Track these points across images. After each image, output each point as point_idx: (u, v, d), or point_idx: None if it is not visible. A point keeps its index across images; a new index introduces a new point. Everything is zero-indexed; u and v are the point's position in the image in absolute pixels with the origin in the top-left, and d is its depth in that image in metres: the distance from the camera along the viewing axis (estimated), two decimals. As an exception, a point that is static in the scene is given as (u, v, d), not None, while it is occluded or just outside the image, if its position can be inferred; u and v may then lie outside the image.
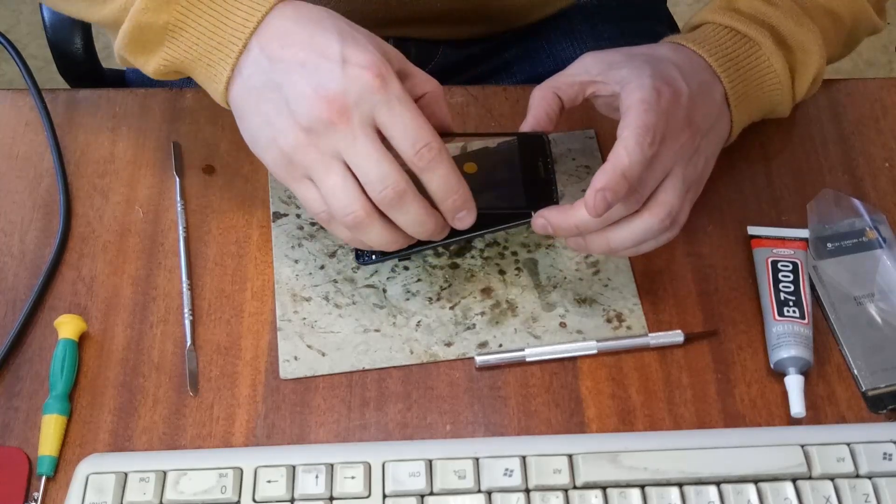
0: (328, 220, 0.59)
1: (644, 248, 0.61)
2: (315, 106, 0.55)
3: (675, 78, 0.61)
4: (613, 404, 0.61)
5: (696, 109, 0.61)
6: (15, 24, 1.87)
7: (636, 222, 0.59)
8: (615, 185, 0.56)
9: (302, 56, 0.56)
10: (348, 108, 0.55)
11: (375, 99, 0.55)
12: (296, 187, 0.59)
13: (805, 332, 0.62)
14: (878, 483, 0.57)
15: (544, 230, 0.60)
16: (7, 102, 0.74)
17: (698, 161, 0.62)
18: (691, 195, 0.62)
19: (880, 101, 0.76)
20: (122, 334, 0.64)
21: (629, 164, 0.56)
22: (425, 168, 0.56)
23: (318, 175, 0.57)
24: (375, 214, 0.57)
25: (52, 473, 0.58)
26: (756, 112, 0.68)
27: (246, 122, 0.59)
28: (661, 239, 0.61)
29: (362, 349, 0.63)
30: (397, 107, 0.55)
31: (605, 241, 0.60)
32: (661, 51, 0.64)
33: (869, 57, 1.92)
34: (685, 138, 0.60)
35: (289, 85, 0.56)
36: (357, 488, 0.56)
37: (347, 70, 0.55)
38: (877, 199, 0.70)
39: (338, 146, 0.56)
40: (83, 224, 0.68)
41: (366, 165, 0.56)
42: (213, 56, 0.59)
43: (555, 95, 0.63)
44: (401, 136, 0.56)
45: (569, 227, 0.59)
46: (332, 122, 0.55)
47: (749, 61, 0.66)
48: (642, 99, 0.58)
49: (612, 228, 0.59)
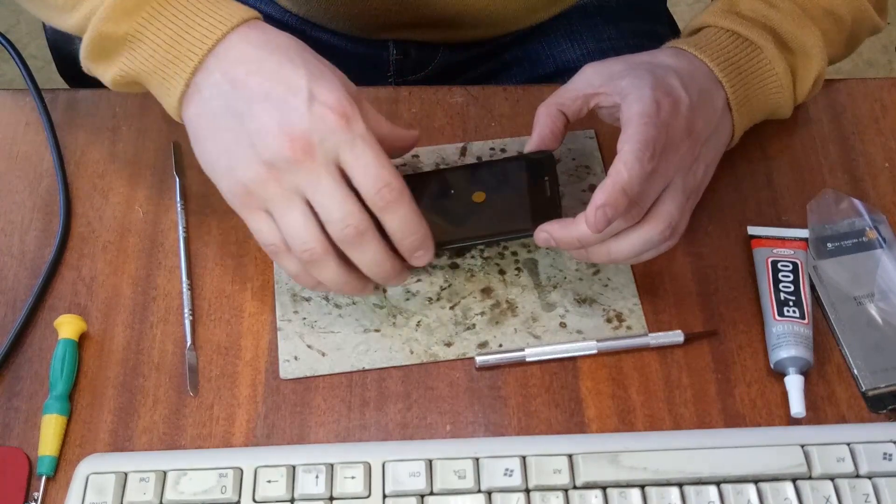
0: (277, 253, 0.59)
1: (645, 257, 0.61)
2: (279, 142, 0.55)
3: (675, 87, 0.60)
4: (613, 404, 0.61)
5: (696, 118, 0.61)
6: (15, 24, 1.87)
7: (636, 234, 0.59)
8: (615, 202, 0.56)
9: (267, 87, 0.56)
10: (313, 146, 0.55)
11: (340, 138, 0.55)
12: (249, 217, 0.59)
13: (805, 332, 0.62)
14: (878, 483, 0.57)
15: (546, 243, 0.61)
16: (7, 102, 0.74)
17: (698, 169, 0.62)
18: (690, 203, 0.62)
19: (880, 101, 0.76)
20: (122, 334, 0.64)
21: (628, 179, 0.56)
22: (385, 208, 0.57)
23: (277, 209, 0.57)
24: (332, 252, 0.57)
25: (52, 473, 0.58)
26: (758, 115, 0.68)
27: (202, 145, 0.59)
28: (661, 248, 0.61)
29: (362, 349, 0.63)
30: (360, 146, 0.56)
31: (605, 252, 0.60)
32: (662, 57, 0.64)
33: (869, 57, 1.92)
34: (685, 148, 0.60)
35: (251, 117, 0.56)
36: (357, 488, 0.56)
37: (314, 108, 0.55)
38: (877, 199, 0.70)
39: (300, 183, 0.56)
40: (83, 224, 0.68)
41: (328, 204, 0.56)
42: (168, 70, 0.59)
43: (559, 112, 0.63)
44: (362, 176, 0.56)
45: (571, 241, 0.60)
46: (297, 160, 0.55)
47: (751, 65, 0.66)
48: (641, 112, 0.58)
49: (613, 240, 0.60)
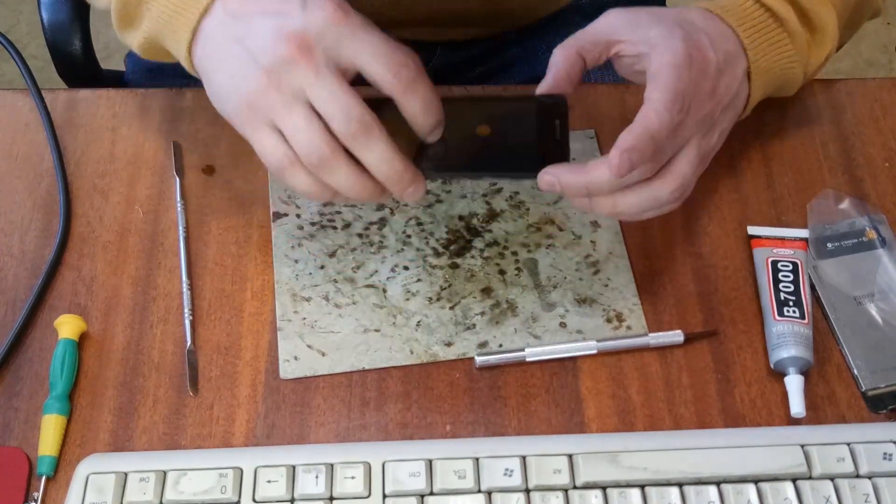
0: (288, 167, 0.56)
1: (646, 216, 0.59)
2: (276, 45, 0.54)
3: (704, 45, 0.59)
4: (613, 404, 0.61)
5: (720, 80, 0.59)
6: (15, 24, 1.87)
7: (648, 189, 0.57)
8: (643, 147, 0.54)
9: (263, 6, 0.56)
10: (310, 43, 0.54)
11: (338, 31, 0.54)
12: (254, 135, 0.57)
13: (805, 332, 0.62)
14: (878, 483, 0.57)
15: (551, 187, 0.57)
16: (7, 102, 0.74)
17: (713, 134, 0.61)
18: (700, 168, 0.61)
19: (880, 101, 0.76)
20: (122, 334, 0.64)
21: (658, 126, 0.54)
22: (405, 90, 0.55)
23: (280, 116, 0.55)
24: (341, 152, 0.55)
25: (52, 473, 0.58)
26: (770, 88, 0.67)
27: (211, 82, 0.59)
28: (665, 209, 0.59)
29: (362, 349, 0.63)
30: (362, 35, 0.54)
31: (611, 204, 0.58)
32: (690, 15, 0.62)
33: (869, 57, 1.92)
34: (707, 110, 0.58)
35: (250, 35, 0.56)
36: (357, 488, 0.56)
37: (308, 9, 0.54)
38: (877, 199, 0.70)
39: (301, 84, 0.54)
40: (83, 224, 0.68)
41: (330, 101, 0.54)
42: (177, 22, 0.59)
43: (578, 55, 0.61)
44: (373, 61, 0.54)
45: (579, 187, 0.57)
46: (294, 59, 0.54)
47: (772, 36, 0.64)
48: (674, 63, 0.56)
49: (621, 193, 0.57)
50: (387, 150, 0.55)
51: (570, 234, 0.68)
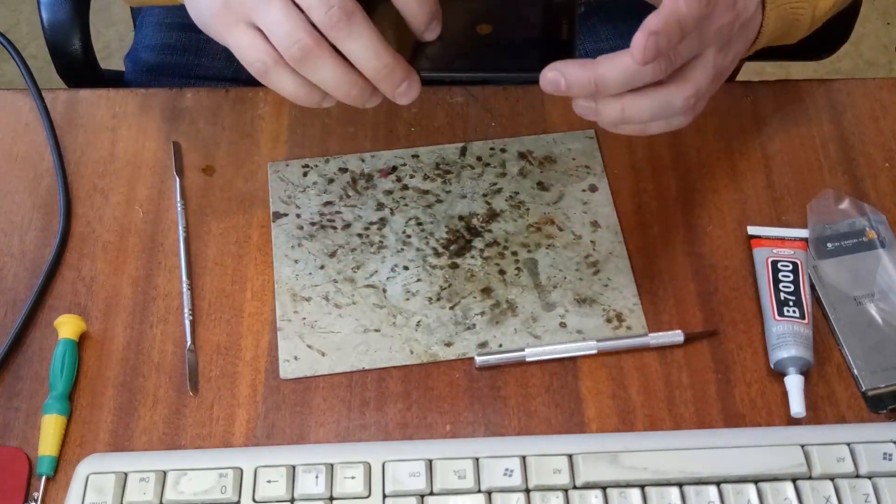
0: (272, 67, 0.54)
1: (653, 128, 0.56)
2: None
3: None
4: (613, 404, 0.61)
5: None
6: (15, 24, 1.87)
7: (660, 92, 0.54)
8: (670, 31, 0.51)
9: None
10: None
11: None
12: (231, 36, 0.55)
13: (805, 332, 0.62)
14: (878, 483, 0.57)
15: (555, 85, 0.53)
16: (7, 102, 0.74)
17: (729, 52, 0.58)
18: (714, 86, 0.58)
19: (880, 101, 0.76)
20: (122, 334, 0.64)
21: (686, 13, 0.51)
22: None
23: (257, 12, 0.53)
24: (324, 44, 0.53)
25: (52, 473, 0.58)
26: (779, 26, 0.65)
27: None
28: (674, 122, 0.56)
29: (362, 349, 0.63)
30: None
31: (618, 108, 0.54)
32: None
33: (869, 57, 1.92)
34: (727, 20, 0.56)
35: None
36: (357, 488, 0.56)
37: None
38: (877, 199, 0.70)
39: None
40: (83, 224, 0.68)
41: None
42: None
43: None
44: None
45: (586, 84, 0.53)
46: None
47: None
48: None
49: (630, 95, 0.54)
50: (372, 39, 0.53)
51: (570, 234, 0.68)
